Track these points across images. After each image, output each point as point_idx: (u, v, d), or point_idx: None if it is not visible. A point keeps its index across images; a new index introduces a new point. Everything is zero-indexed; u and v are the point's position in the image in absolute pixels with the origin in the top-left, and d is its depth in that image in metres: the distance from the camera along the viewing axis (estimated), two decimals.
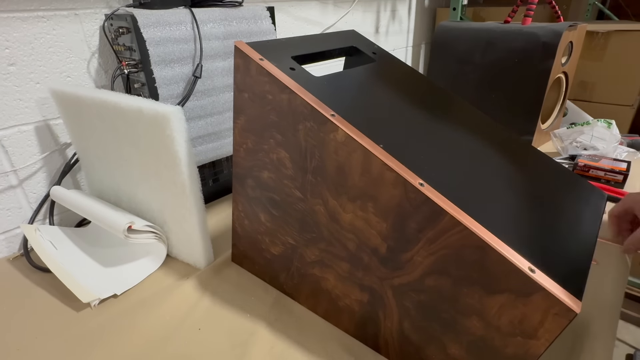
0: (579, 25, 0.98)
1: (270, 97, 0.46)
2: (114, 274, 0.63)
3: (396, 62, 0.61)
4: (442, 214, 0.36)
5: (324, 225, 0.47)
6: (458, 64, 1.06)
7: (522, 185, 0.47)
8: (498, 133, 0.56)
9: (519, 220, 0.40)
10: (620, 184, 0.83)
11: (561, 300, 0.32)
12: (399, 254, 0.41)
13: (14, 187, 0.69)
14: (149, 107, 0.53)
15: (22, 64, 0.65)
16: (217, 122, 0.78)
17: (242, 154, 0.53)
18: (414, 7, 1.58)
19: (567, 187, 0.51)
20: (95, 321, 0.55)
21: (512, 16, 1.06)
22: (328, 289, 0.51)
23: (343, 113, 0.42)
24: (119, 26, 0.66)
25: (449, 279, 0.39)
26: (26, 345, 0.51)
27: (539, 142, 1.04)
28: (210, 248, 0.65)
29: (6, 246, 0.70)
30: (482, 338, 0.39)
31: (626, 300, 1.63)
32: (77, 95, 0.62)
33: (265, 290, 0.60)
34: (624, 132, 1.36)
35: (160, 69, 0.67)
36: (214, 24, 0.73)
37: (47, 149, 0.72)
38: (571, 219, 0.45)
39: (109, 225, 0.61)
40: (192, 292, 0.59)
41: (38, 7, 0.64)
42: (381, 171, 0.39)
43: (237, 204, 0.58)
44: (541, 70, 0.93)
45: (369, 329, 0.49)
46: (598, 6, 1.77)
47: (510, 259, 0.34)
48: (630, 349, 1.44)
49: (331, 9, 1.21)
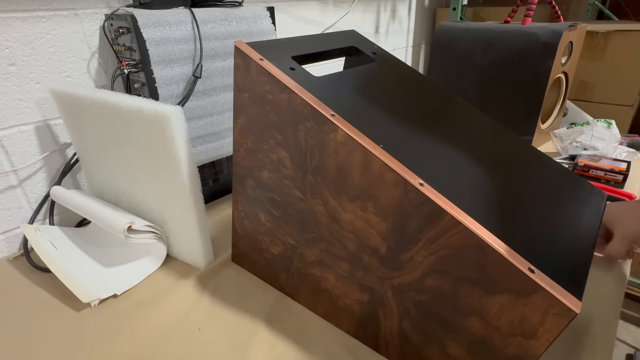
0: (579, 25, 0.98)
1: (270, 97, 0.46)
2: (114, 274, 0.63)
3: (396, 62, 0.61)
4: (442, 214, 0.36)
5: (324, 225, 0.47)
6: (458, 64, 1.06)
7: (522, 185, 0.47)
8: (498, 133, 0.56)
9: (519, 220, 0.40)
10: (620, 184, 0.83)
11: (561, 300, 0.32)
12: (399, 254, 0.41)
13: (14, 187, 0.69)
14: (149, 107, 0.53)
15: (22, 64, 0.65)
16: (217, 122, 0.78)
17: (242, 154, 0.53)
18: (414, 7, 1.58)
19: (567, 187, 0.51)
20: (95, 321, 0.55)
21: (512, 16, 1.06)
22: (328, 289, 0.51)
23: (343, 113, 0.42)
24: (119, 26, 0.66)
25: (449, 279, 0.39)
26: (26, 345, 0.51)
27: (539, 142, 1.04)
28: (210, 248, 0.65)
29: (6, 246, 0.70)
30: (482, 338, 0.39)
31: (626, 300, 1.63)
32: (77, 95, 0.62)
33: (265, 290, 0.60)
34: (624, 132, 1.36)
35: (160, 69, 0.67)
36: (214, 24, 0.73)
37: (47, 149, 0.72)
38: (571, 219, 0.45)
39: (109, 225, 0.61)
40: (192, 292, 0.59)
41: (38, 7, 0.64)
42: (381, 171, 0.39)
43: (237, 204, 0.58)
44: (541, 70, 0.93)
45: (369, 329, 0.49)
46: (598, 6, 1.77)
47: (510, 259, 0.34)
48: (630, 349, 1.44)
49: (331, 9, 1.21)
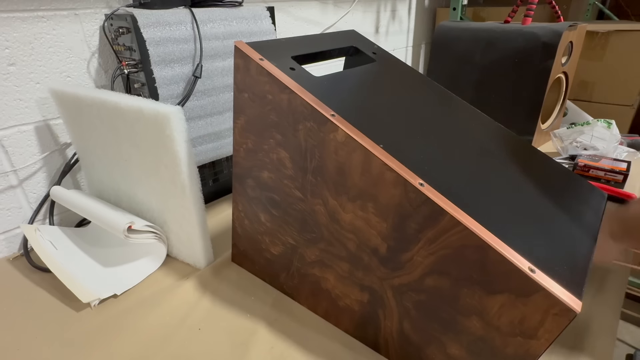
0: (579, 25, 0.98)
1: (270, 97, 0.46)
2: (114, 274, 0.63)
3: (396, 62, 0.61)
4: (442, 214, 0.36)
5: (324, 225, 0.47)
6: (458, 64, 1.06)
7: (522, 185, 0.47)
8: (498, 133, 0.56)
9: (519, 220, 0.40)
10: (620, 184, 0.83)
11: (561, 300, 0.32)
12: (399, 254, 0.41)
13: (14, 187, 0.69)
14: (149, 107, 0.53)
15: (22, 64, 0.65)
16: (217, 122, 0.78)
17: (242, 154, 0.53)
18: (414, 7, 1.58)
19: (567, 187, 0.51)
20: (95, 321, 0.55)
21: (512, 16, 1.06)
22: (328, 289, 0.51)
23: (343, 113, 0.42)
24: (119, 26, 0.66)
25: (449, 279, 0.39)
26: (26, 345, 0.51)
27: (539, 142, 1.04)
28: (210, 248, 0.65)
29: (6, 246, 0.70)
30: (482, 338, 0.39)
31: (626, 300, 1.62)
32: (77, 95, 0.62)
33: (265, 290, 0.60)
34: (624, 132, 1.36)
35: (160, 69, 0.67)
36: (214, 24, 0.73)
37: (47, 149, 0.72)
38: (571, 219, 0.45)
39: (109, 225, 0.61)
40: (192, 292, 0.59)
41: (38, 7, 0.64)
42: (381, 171, 0.39)
43: (237, 204, 0.58)
44: (541, 70, 0.93)
45: (369, 329, 0.49)
46: (598, 6, 1.77)
47: (510, 259, 0.34)
48: (630, 349, 1.44)
49: (331, 9, 1.21)
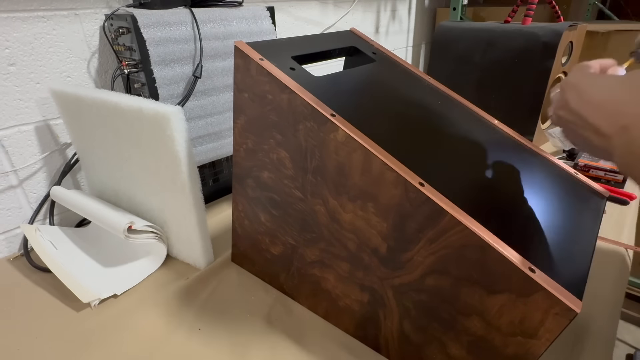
0: (579, 25, 0.98)
1: (270, 97, 0.46)
2: (114, 274, 0.63)
3: (396, 62, 0.61)
4: (442, 214, 0.36)
5: (324, 225, 0.47)
6: (458, 64, 1.06)
7: (522, 185, 0.47)
8: (498, 133, 0.56)
9: (519, 220, 0.40)
10: (620, 184, 0.83)
11: (561, 300, 0.32)
12: (399, 253, 0.41)
13: (14, 187, 0.69)
14: (149, 107, 0.53)
15: (22, 64, 0.65)
16: (217, 122, 0.78)
17: (242, 154, 0.53)
18: (414, 7, 1.58)
19: (567, 186, 0.51)
20: (95, 321, 0.55)
21: (512, 16, 1.06)
22: (328, 289, 0.51)
23: (343, 113, 0.42)
24: (119, 26, 0.66)
25: (449, 278, 0.39)
26: (26, 345, 0.51)
27: (539, 142, 1.04)
28: (210, 248, 0.65)
29: (6, 246, 0.70)
30: (483, 338, 0.39)
31: (626, 300, 1.63)
32: (77, 95, 0.62)
33: (265, 290, 0.60)
34: None
35: (160, 69, 0.67)
36: (214, 24, 0.73)
37: (47, 149, 0.72)
38: (571, 219, 0.45)
39: (109, 225, 0.61)
40: (192, 292, 0.59)
41: (38, 7, 0.64)
42: (381, 171, 0.39)
43: (237, 204, 0.58)
44: (541, 70, 0.93)
45: (369, 329, 0.49)
46: (598, 6, 1.77)
47: (511, 259, 0.34)
48: (630, 349, 1.44)
49: (331, 9, 1.21)
